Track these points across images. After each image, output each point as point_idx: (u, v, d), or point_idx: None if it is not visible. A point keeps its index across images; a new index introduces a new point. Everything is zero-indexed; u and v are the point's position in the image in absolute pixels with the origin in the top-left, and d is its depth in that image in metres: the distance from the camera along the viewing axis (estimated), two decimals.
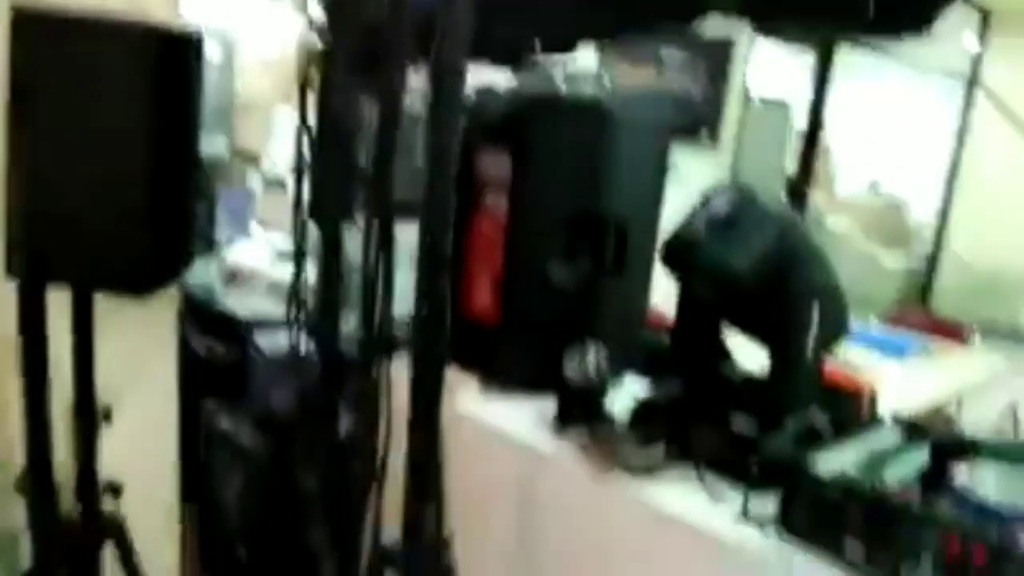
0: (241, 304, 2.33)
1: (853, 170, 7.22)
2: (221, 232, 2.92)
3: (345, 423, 1.84)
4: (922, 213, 7.64)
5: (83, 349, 1.28)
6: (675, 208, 1.60)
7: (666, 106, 1.44)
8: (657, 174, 1.69)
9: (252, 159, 3.60)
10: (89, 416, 1.33)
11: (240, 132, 3.54)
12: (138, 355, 1.67)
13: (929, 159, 7.61)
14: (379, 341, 1.65)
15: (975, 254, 7.00)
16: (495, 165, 1.58)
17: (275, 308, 2.34)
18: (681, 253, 1.53)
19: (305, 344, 1.95)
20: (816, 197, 5.46)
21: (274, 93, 3.49)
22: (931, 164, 7.59)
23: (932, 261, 7.31)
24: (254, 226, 3.27)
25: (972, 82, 6.62)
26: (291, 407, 1.87)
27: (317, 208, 1.94)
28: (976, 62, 6.41)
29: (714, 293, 1.55)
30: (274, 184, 3.47)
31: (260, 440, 2.02)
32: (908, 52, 5.23)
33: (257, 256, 2.92)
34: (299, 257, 2.52)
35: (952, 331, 3.50)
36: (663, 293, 1.75)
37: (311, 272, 1.91)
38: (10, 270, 1.14)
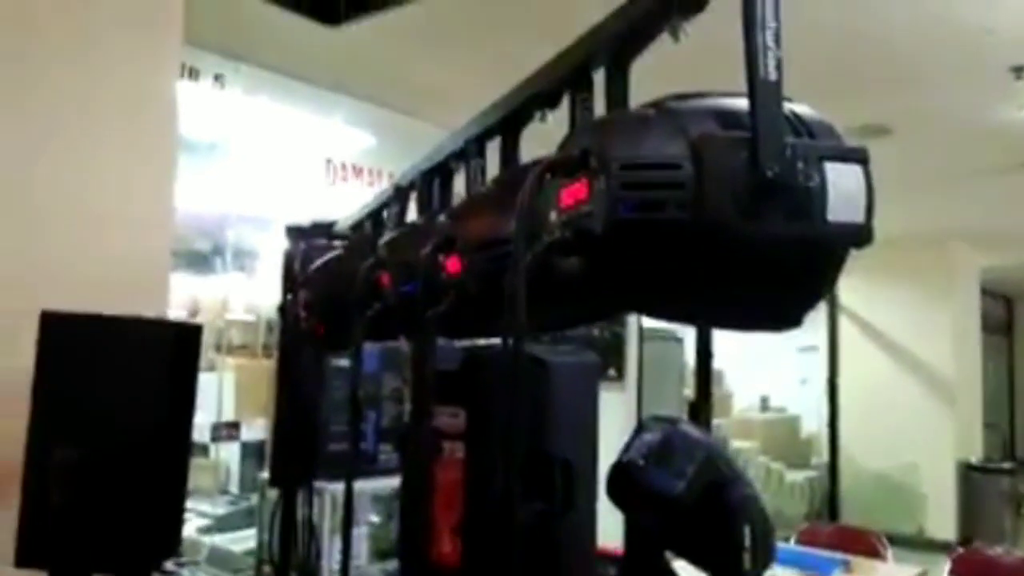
0: None
1: (744, 389, 7.71)
2: None
3: None
4: (812, 425, 8.10)
5: None
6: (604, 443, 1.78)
7: (588, 350, 1.69)
8: (591, 412, 1.90)
9: None
10: None
11: None
12: None
13: (808, 374, 8.22)
14: None
15: (868, 462, 7.40)
16: (451, 420, 1.75)
17: None
18: (623, 483, 1.70)
19: None
20: (717, 419, 5.78)
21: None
22: (811, 378, 8.19)
23: (832, 472, 7.64)
24: None
25: (832, 303, 7.38)
26: None
27: (278, 473, 2.02)
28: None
29: (655, 518, 1.71)
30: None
31: None
32: None
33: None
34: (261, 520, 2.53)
35: (865, 544, 3.68)
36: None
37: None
38: (20, 562, 1.20)
